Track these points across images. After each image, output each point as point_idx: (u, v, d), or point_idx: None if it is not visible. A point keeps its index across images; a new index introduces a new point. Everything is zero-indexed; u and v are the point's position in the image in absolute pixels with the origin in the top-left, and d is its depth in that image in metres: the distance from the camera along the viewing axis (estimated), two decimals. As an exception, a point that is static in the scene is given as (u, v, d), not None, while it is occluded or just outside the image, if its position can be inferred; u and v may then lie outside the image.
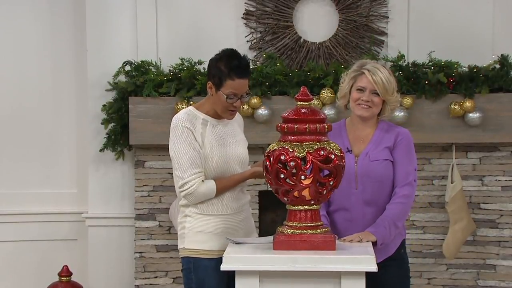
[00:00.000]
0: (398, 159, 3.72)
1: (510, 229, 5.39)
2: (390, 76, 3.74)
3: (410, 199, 3.71)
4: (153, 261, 5.51)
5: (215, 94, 3.66)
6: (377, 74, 3.70)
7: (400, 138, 3.73)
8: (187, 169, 3.60)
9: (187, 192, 3.62)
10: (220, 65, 3.64)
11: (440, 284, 5.44)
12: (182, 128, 3.62)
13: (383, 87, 3.69)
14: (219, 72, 3.63)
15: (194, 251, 3.69)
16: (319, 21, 5.53)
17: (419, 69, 5.27)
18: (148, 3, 5.52)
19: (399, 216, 3.66)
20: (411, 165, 3.73)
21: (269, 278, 3.29)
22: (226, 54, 3.68)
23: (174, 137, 3.64)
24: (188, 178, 3.60)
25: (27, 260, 5.85)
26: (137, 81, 5.38)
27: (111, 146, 5.52)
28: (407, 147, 3.75)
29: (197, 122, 3.65)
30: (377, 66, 3.75)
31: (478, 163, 5.40)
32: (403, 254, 3.82)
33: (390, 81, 3.71)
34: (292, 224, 3.40)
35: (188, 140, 3.61)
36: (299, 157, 3.32)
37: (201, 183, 3.61)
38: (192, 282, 3.69)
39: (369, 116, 3.74)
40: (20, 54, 5.83)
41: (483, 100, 5.25)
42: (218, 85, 3.64)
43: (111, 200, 5.63)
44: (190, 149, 3.61)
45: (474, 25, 5.42)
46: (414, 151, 3.78)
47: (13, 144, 5.86)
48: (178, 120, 3.66)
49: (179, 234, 3.76)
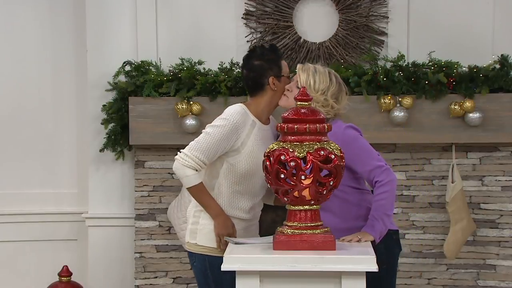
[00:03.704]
0: (353, 160, 3.70)
1: (510, 229, 5.39)
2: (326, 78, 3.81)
3: (392, 182, 3.70)
4: (153, 261, 5.51)
5: (279, 84, 3.81)
6: (307, 69, 3.81)
7: (341, 143, 3.57)
8: (198, 149, 3.68)
9: (179, 160, 3.69)
10: (267, 57, 3.81)
11: (440, 284, 5.44)
12: (231, 121, 3.70)
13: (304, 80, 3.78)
14: (272, 61, 3.81)
15: (208, 248, 3.71)
16: (319, 21, 5.53)
17: (419, 69, 5.27)
18: (148, 3, 5.52)
19: (387, 204, 3.70)
20: (369, 156, 3.73)
21: (269, 278, 3.29)
22: (260, 48, 3.88)
23: (219, 121, 3.72)
24: (190, 156, 3.67)
25: (27, 260, 5.85)
26: (137, 81, 5.38)
27: (111, 146, 5.52)
28: (352, 145, 3.72)
29: (248, 122, 3.72)
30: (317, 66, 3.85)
31: (478, 163, 5.40)
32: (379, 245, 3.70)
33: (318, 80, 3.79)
34: (292, 224, 3.40)
35: (226, 134, 3.68)
36: (299, 157, 3.32)
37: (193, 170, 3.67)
38: (209, 280, 3.71)
39: (285, 106, 3.80)
40: (20, 54, 5.83)
41: (483, 100, 5.25)
42: (279, 72, 3.81)
43: (111, 200, 5.63)
44: (219, 142, 3.67)
45: (474, 25, 5.42)
46: (363, 142, 3.77)
47: (13, 144, 5.86)
48: (233, 112, 3.74)
49: (191, 228, 3.78)
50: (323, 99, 3.78)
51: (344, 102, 3.88)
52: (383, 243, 3.75)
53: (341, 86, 3.88)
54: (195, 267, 3.78)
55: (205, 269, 3.72)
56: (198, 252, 3.74)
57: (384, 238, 3.75)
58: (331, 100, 3.80)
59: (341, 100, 3.85)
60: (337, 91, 3.83)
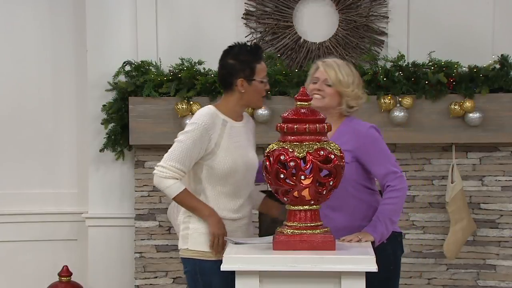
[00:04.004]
0: (370, 159, 3.68)
1: (510, 229, 5.39)
2: (349, 70, 3.75)
3: (402, 190, 3.68)
4: (153, 261, 5.51)
5: (249, 87, 3.69)
6: (331, 65, 3.74)
7: (363, 140, 3.65)
8: (172, 159, 3.62)
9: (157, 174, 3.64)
10: (242, 57, 3.69)
11: (440, 284, 5.43)
12: (200, 125, 3.64)
13: (334, 77, 3.71)
14: (246, 63, 3.68)
15: (199, 252, 3.68)
16: (319, 21, 5.53)
17: (419, 69, 5.27)
18: (148, 3, 5.52)
19: (394, 210, 3.66)
20: (387, 159, 3.69)
21: (269, 278, 3.29)
22: (239, 46, 3.75)
23: (188, 126, 3.67)
24: (167, 166, 3.62)
25: (27, 260, 5.85)
26: (137, 81, 5.38)
27: (111, 146, 5.53)
28: (374, 145, 3.70)
29: (218, 122, 3.67)
30: (335, 60, 3.80)
31: (478, 163, 5.40)
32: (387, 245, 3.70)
33: (345, 74, 3.72)
34: (292, 224, 3.40)
35: (198, 138, 3.63)
36: (299, 157, 3.32)
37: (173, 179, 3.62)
38: (199, 285, 3.69)
39: (323, 107, 3.70)
40: (20, 54, 5.83)
41: (483, 100, 5.25)
42: (251, 75, 3.68)
43: (111, 200, 5.63)
44: (192, 147, 3.62)
45: (474, 25, 5.42)
46: (383, 145, 3.73)
47: (13, 144, 5.86)
48: (201, 115, 3.68)
49: (182, 234, 3.75)
50: (354, 93, 3.73)
51: (363, 90, 3.83)
52: (389, 244, 3.73)
53: (359, 75, 3.84)
54: (187, 273, 3.74)
55: (195, 274, 3.68)
56: (189, 257, 3.70)
57: (390, 240, 3.73)
58: (359, 91, 3.77)
59: (362, 89, 3.81)
60: (359, 81, 3.79)
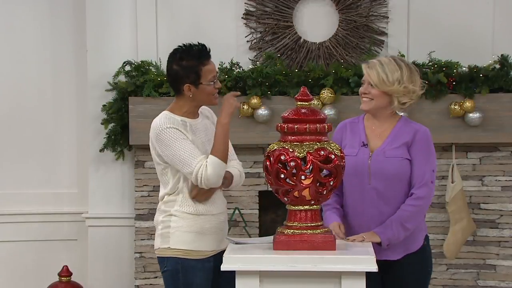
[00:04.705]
0: (415, 158, 3.68)
1: (510, 229, 5.39)
2: (394, 66, 3.70)
3: (425, 200, 3.66)
4: (153, 261, 5.50)
5: (196, 91, 3.66)
6: (373, 66, 3.70)
7: (419, 136, 3.69)
8: (191, 162, 3.59)
9: (201, 181, 3.58)
10: (185, 62, 3.64)
11: (440, 284, 5.43)
12: (166, 129, 3.62)
13: (376, 78, 3.68)
14: (189, 68, 3.63)
15: (181, 251, 3.67)
16: (319, 21, 5.53)
17: (419, 69, 5.25)
18: (148, 3, 5.52)
19: (409, 217, 3.62)
20: (428, 165, 3.68)
21: (269, 278, 3.29)
22: (182, 51, 3.68)
23: (162, 141, 3.63)
24: (195, 170, 3.58)
25: (27, 260, 5.85)
26: (137, 81, 5.39)
27: (111, 146, 5.53)
28: (424, 146, 3.70)
29: (176, 123, 3.66)
30: (380, 59, 3.75)
31: (478, 163, 5.40)
32: (426, 247, 3.75)
33: (389, 71, 3.68)
34: (292, 224, 3.40)
35: (178, 137, 3.62)
36: (299, 157, 3.32)
37: (205, 167, 3.58)
38: (179, 283, 3.68)
39: (370, 110, 3.71)
40: (20, 54, 5.83)
41: (483, 100, 5.25)
42: (197, 80, 3.64)
43: (111, 200, 5.63)
44: (184, 144, 3.61)
45: (474, 25, 5.42)
46: (433, 151, 3.73)
47: (13, 144, 5.86)
48: (160, 124, 3.65)
49: (161, 233, 3.72)
50: (403, 88, 3.70)
51: (419, 81, 3.80)
52: (428, 246, 3.78)
53: (410, 67, 3.78)
54: (166, 272, 3.71)
55: (177, 272, 3.67)
56: (171, 255, 3.69)
57: (428, 242, 3.77)
58: (410, 85, 3.73)
59: (417, 81, 3.77)
60: (410, 74, 3.74)
